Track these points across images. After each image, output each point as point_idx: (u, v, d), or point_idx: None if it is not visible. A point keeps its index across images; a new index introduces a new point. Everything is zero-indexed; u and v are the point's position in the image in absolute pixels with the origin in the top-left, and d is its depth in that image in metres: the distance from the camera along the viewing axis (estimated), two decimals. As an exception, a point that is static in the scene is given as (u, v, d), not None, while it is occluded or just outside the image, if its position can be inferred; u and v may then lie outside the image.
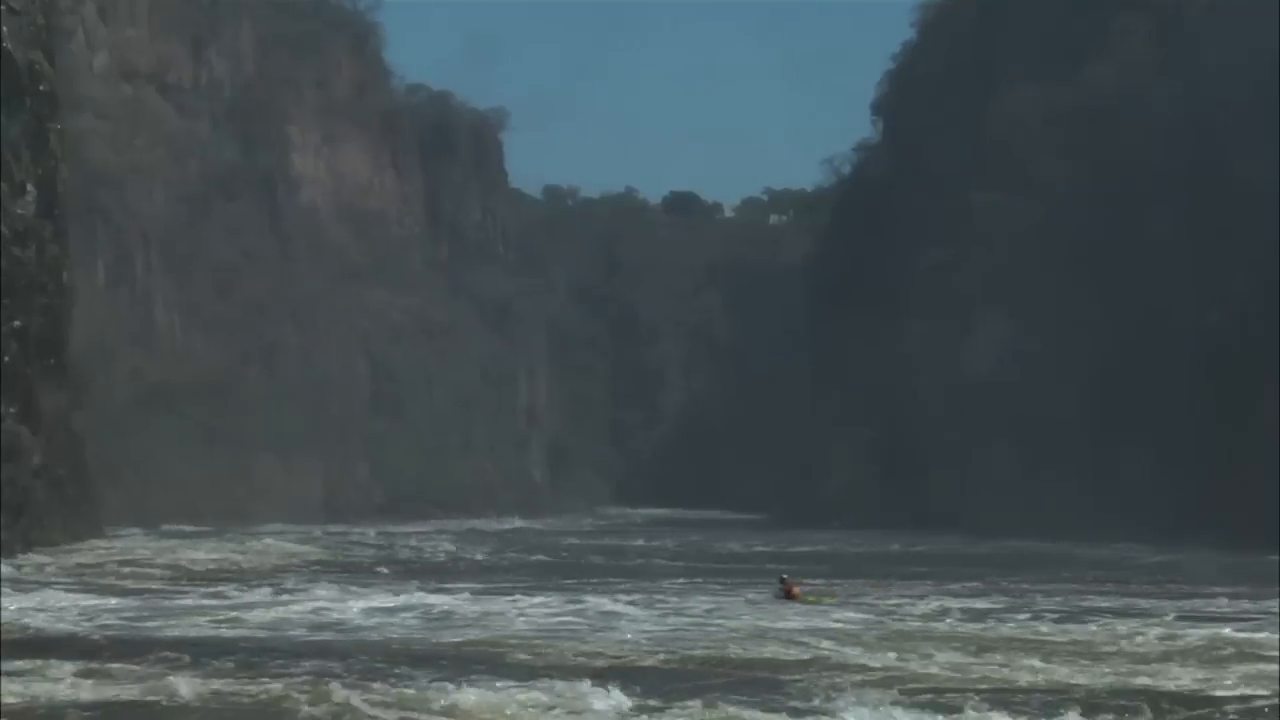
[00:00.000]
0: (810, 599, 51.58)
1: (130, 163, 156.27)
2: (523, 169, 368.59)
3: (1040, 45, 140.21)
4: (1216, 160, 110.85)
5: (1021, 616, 48.44)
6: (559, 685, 31.29)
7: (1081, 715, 29.24)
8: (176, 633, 42.50)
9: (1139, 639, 42.05)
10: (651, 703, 30.03)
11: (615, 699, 30.08)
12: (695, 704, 30.01)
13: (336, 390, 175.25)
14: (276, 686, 31.45)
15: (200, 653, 36.77)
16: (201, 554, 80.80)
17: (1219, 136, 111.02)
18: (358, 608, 50.38)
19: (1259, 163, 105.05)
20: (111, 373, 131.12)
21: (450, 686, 31.23)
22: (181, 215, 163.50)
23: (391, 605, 51.34)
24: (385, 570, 73.24)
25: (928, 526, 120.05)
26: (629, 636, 42.05)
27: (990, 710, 29.35)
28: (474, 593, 56.46)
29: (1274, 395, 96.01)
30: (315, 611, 49.31)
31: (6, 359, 75.42)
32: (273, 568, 73.08)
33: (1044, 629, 45.02)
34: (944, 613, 49.31)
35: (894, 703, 30.13)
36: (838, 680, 33.38)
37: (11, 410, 75.84)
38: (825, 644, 39.25)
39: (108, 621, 45.41)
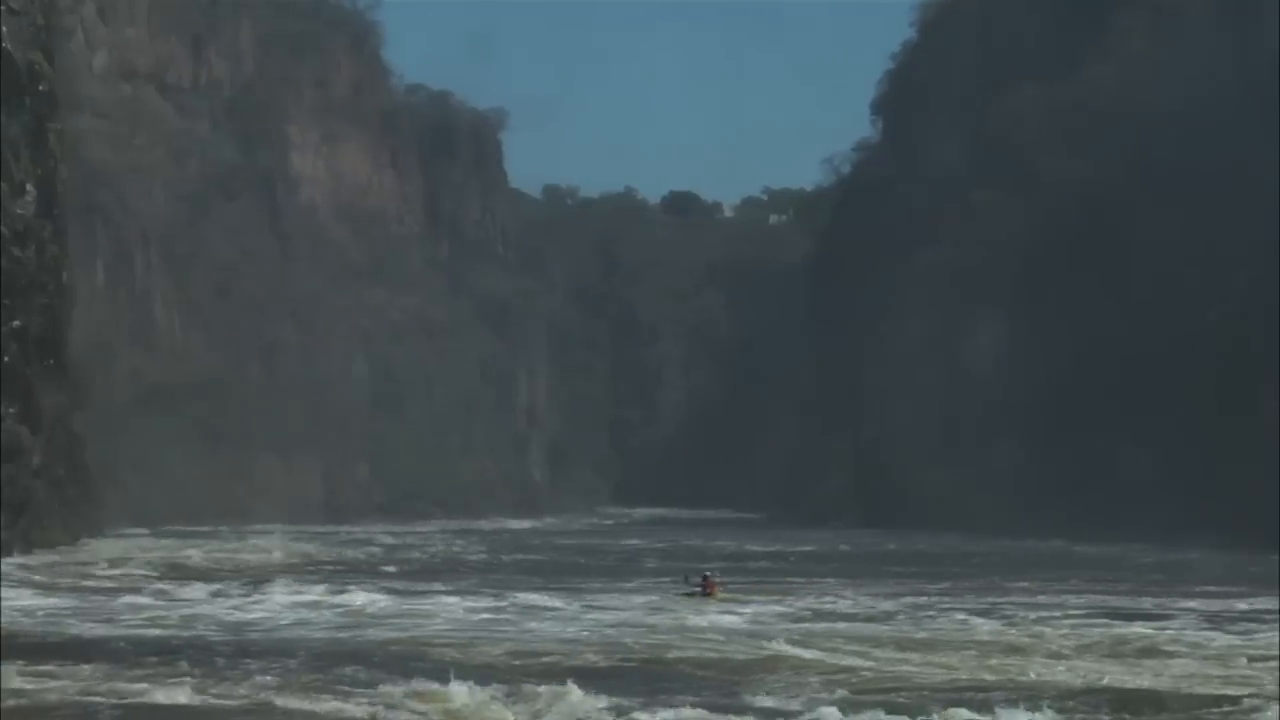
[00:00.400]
0: (723, 596, 53.06)
1: (130, 162, 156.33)
2: (522, 169, 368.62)
3: (1040, 44, 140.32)
4: (1216, 159, 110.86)
5: (959, 615, 48.34)
6: (524, 687, 30.97)
7: (1058, 714, 29.08)
8: (101, 631, 42.38)
9: (1067, 636, 41.96)
10: (613, 704, 29.71)
11: (582, 701, 29.78)
12: (662, 706, 29.71)
13: (336, 389, 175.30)
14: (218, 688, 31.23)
15: (141, 653, 36.67)
16: (181, 555, 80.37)
17: (1219, 135, 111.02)
18: (285, 603, 50.98)
19: (1258, 161, 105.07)
20: (111, 372, 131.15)
21: (434, 684, 31.01)
22: (181, 215, 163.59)
23: (357, 603, 51.67)
24: (393, 569, 73.31)
25: (927, 526, 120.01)
26: (586, 635, 42.08)
27: (966, 710, 29.16)
28: (461, 591, 56.71)
29: (1274, 395, 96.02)
30: (238, 608, 49.93)
31: (6, 359, 75.44)
32: (243, 566, 72.89)
33: (979, 626, 44.85)
34: (886, 611, 49.76)
35: (877, 704, 29.82)
36: (796, 680, 33.15)
37: (11, 410, 75.86)
38: (769, 643, 39.06)
39: (41, 620, 45.30)
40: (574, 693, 30.27)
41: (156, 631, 42.72)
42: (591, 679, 32.29)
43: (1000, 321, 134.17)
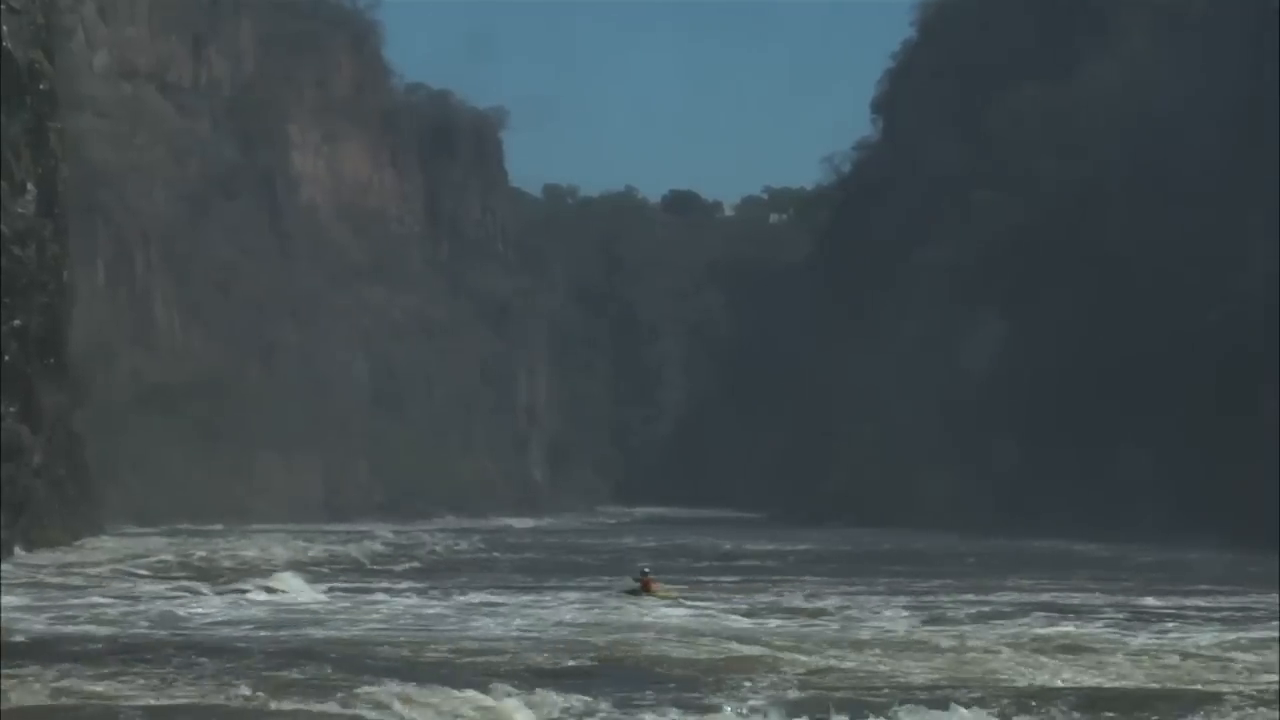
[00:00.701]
0: (661, 594, 53.16)
1: (130, 162, 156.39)
2: (522, 168, 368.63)
3: (1038, 44, 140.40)
4: (1216, 159, 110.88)
5: (888, 614, 47.99)
6: (470, 692, 30.16)
7: (1026, 715, 28.96)
8: (41, 628, 41.79)
9: (1003, 635, 41.58)
10: (574, 706, 29.30)
11: (543, 703, 29.29)
12: (635, 707, 29.34)
13: (336, 389, 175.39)
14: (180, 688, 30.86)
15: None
16: (162, 554, 79.97)
17: (1218, 135, 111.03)
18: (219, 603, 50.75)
19: (1259, 161, 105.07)
20: (111, 372, 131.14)
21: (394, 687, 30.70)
22: (181, 214, 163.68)
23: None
24: (400, 568, 73.52)
25: (927, 525, 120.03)
26: (525, 634, 41.75)
27: (929, 710, 29.00)
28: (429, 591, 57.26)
29: (1274, 395, 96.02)
30: (184, 604, 49.76)
31: (6, 358, 75.37)
32: (220, 566, 72.79)
33: (905, 628, 44.44)
34: (824, 609, 49.80)
35: (850, 703, 29.55)
36: (750, 679, 32.75)
37: (11, 409, 75.81)
38: (730, 643, 38.72)
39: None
40: (549, 696, 29.88)
41: (105, 630, 41.79)
42: (548, 679, 31.87)
43: (999, 321, 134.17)
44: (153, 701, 29.51)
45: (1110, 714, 29.39)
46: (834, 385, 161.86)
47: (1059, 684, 32.59)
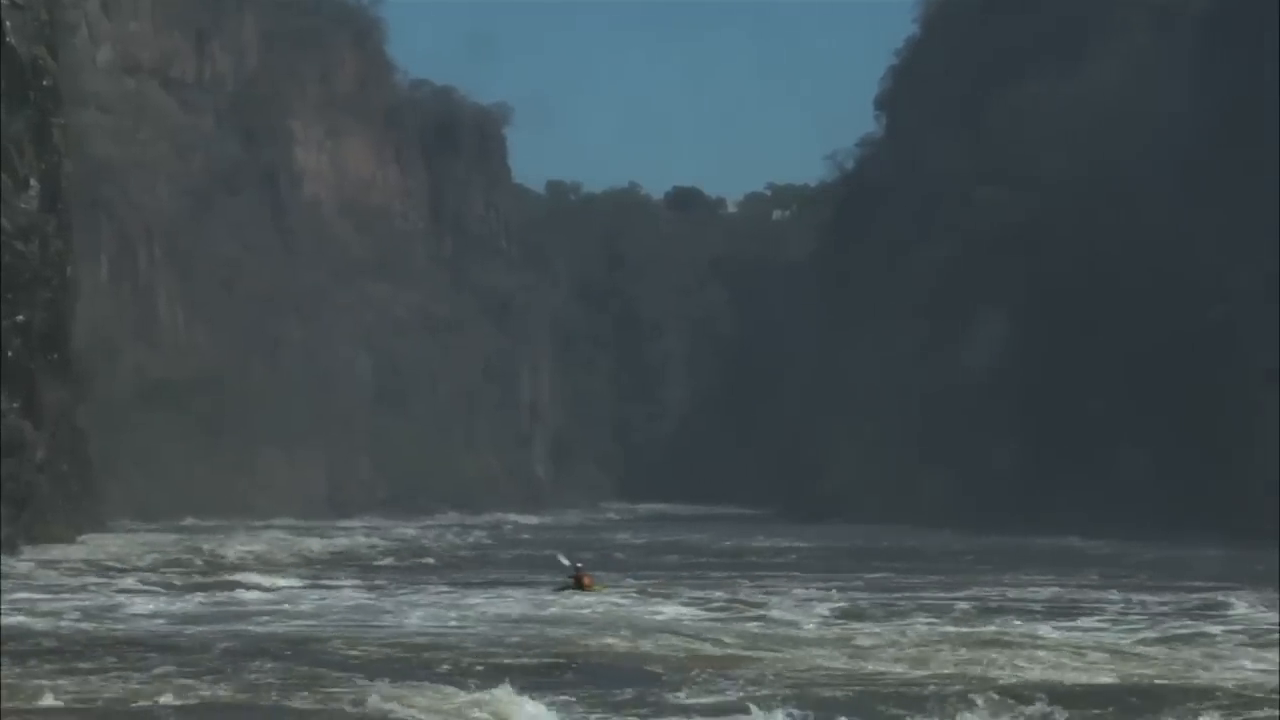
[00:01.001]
0: (597, 589, 53.54)
1: (133, 157, 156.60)
2: (526, 164, 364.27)
3: (1042, 40, 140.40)
4: (1217, 155, 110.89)
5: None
6: (473, 693, 30.04)
7: (991, 714, 29.02)
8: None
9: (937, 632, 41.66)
10: (556, 703, 29.19)
11: (525, 704, 28.98)
12: (597, 705, 29.41)
13: (339, 385, 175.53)
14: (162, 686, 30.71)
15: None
16: (156, 551, 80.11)
17: (1220, 133, 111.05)
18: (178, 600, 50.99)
19: (1259, 157, 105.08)
20: (114, 367, 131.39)
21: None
22: (185, 210, 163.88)
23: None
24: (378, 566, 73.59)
25: (928, 522, 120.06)
26: (463, 629, 41.88)
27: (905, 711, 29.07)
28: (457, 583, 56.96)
29: (1273, 394, 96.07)
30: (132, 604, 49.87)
31: (9, 354, 75.66)
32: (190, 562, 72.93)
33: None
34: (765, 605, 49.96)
35: (813, 702, 29.51)
36: (741, 678, 32.84)
37: (14, 405, 76.08)
38: (690, 641, 38.86)
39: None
40: (509, 692, 29.61)
41: (41, 624, 41.87)
42: (518, 679, 31.49)
43: (1001, 318, 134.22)
44: (172, 702, 29.38)
45: (1097, 711, 29.52)
46: (836, 382, 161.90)
47: (1070, 680, 32.73)
